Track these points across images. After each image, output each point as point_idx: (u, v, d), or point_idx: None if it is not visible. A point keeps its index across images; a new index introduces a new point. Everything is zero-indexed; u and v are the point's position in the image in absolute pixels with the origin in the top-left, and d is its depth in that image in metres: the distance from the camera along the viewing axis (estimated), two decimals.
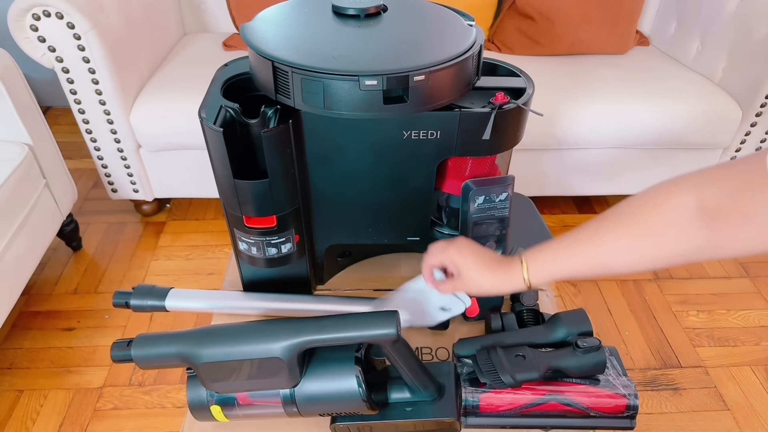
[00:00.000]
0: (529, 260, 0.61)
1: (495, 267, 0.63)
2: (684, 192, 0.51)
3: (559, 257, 0.60)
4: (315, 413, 0.61)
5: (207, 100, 0.66)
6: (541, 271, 0.61)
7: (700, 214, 0.49)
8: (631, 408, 0.61)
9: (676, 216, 0.51)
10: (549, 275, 0.61)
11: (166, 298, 0.76)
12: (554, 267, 0.60)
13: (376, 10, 0.67)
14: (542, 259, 0.61)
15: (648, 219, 0.53)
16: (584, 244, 0.58)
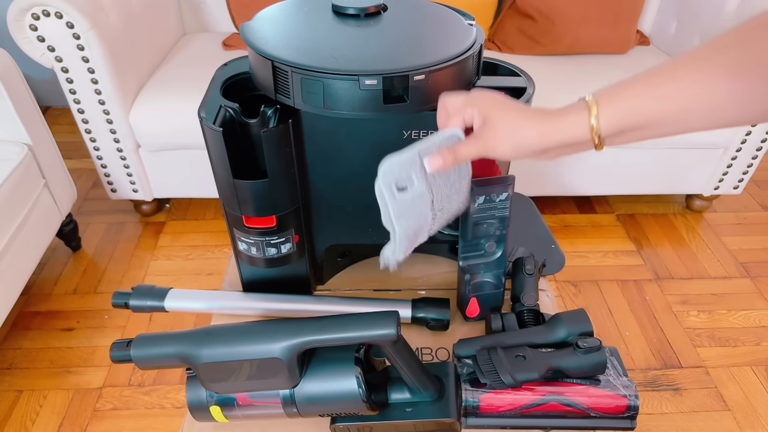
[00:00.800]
0: (599, 97, 0.46)
1: (542, 113, 0.48)
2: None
3: (646, 89, 0.44)
4: (315, 414, 0.61)
5: (206, 99, 0.66)
6: (617, 110, 0.45)
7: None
8: (631, 408, 0.61)
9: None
10: (627, 116, 0.45)
11: (166, 299, 0.76)
12: (639, 102, 0.45)
13: (376, 9, 0.67)
14: (618, 94, 0.46)
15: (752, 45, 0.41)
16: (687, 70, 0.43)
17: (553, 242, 0.89)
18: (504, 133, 0.49)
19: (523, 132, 0.48)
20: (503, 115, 0.49)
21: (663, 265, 1.72)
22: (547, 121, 0.47)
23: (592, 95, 0.46)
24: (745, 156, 1.72)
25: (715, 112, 0.43)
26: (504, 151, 0.50)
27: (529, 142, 0.48)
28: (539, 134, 0.47)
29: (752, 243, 1.81)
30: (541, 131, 0.47)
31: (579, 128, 0.46)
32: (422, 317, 0.76)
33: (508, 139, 0.49)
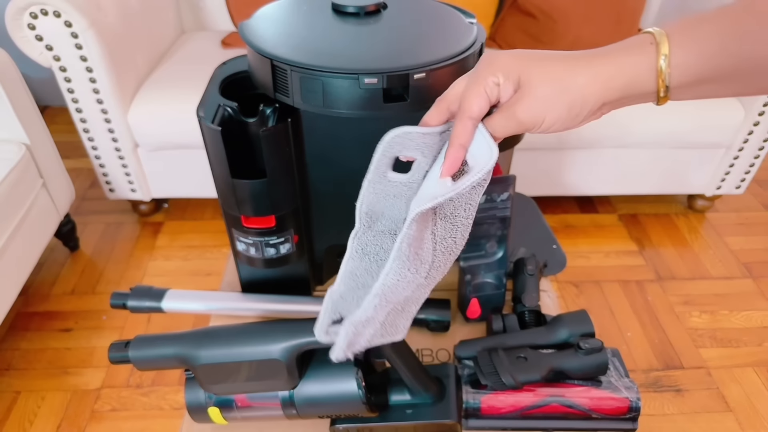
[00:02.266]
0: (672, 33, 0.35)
1: (590, 56, 0.37)
2: None
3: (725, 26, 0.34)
4: (314, 415, 0.61)
5: (205, 98, 0.65)
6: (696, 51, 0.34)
7: None
8: (633, 410, 0.60)
9: None
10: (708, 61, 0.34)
11: (164, 299, 0.76)
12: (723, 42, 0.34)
13: (376, 7, 0.66)
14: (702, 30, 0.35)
15: None
16: None
17: (555, 242, 0.88)
18: (549, 93, 0.36)
19: (577, 82, 0.35)
20: (540, 70, 0.36)
21: (665, 265, 1.72)
22: (601, 61, 0.36)
23: (657, 28, 0.36)
24: (747, 156, 1.71)
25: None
26: (556, 115, 0.36)
27: (585, 95, 0.36)
28: (596, 81, 0.35)
29: (754, 243, 1.81)
30: (598, 75, 0.35)
31: (645, 69, 0.35)
32: (422, 318, 0.75)
33: (558, 97, 0.35)
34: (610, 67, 0.36)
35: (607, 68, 0.36)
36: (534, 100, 0.36)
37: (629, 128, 1.60)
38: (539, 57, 0.37)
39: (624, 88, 0.36)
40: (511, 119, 0.37)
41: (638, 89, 0.36)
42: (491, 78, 0.37)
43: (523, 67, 0.37)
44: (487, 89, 0.38)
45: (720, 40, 0.34)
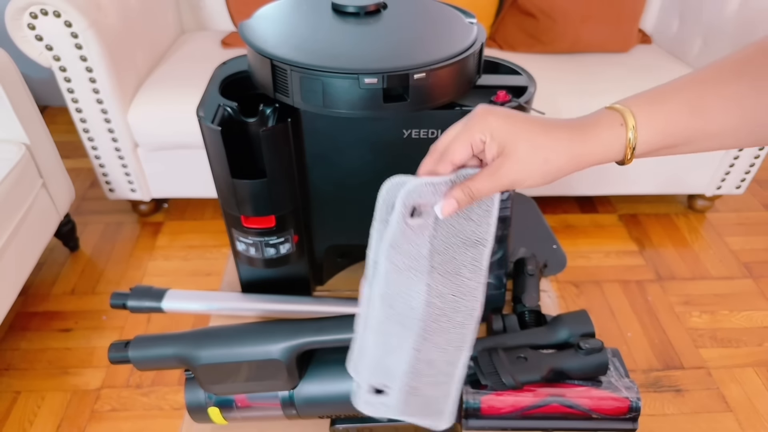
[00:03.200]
0: (635, 109, 0.40)
1: (568, 128, 0.40)
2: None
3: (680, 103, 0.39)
4: (314, 415, 0.60)
5: (205, 98, 0.65)
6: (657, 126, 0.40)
7: None
8: (633, 410, 0.60)
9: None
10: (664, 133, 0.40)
11: (164, 299, 0.76)
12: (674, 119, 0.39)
13: (376, 7, 0.66)
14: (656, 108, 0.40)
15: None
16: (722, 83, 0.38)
17: (555, 242, 0.88)
18: (530, 162, 0.39)
19: (553, 156, 0.40)
20: (525, 138, 0.40)
21: (665, 265, 1.72)
22: (578, 139, 0.40)
23: (623, 105, 0.41)
24: (747, 156, 1.71)
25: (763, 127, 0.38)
26: (533, 182, 0.41)
27: (561, 167, 0.40)
28: (572, 157, 0.40)
29: (755, 243, 1.81)
30: (574, 153, 0.40)
31: (615, 145, 0.40)
32: None
33: (535, 168, 0.40)
34: (586, 147, 0.40)
35: (583, 148, 0.40)
36: (518, 166, 0.40)
37: None
38: (526, 127, 0.40)
39: (598, 159, 0.41)
40: (495, 180, 0.41)
41: (607, 160, 0.42)
42: (479, 135, 0.41)
43: (510, 133, 0.40)
44: (473, 143, 0.41)
45: (678, 118, 0.39)
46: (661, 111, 0.40)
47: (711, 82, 0.39)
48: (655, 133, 0.40)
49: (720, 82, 0.39)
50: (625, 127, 0.40)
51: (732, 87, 0.39)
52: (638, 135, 0.40)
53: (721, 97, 0.39)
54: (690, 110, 0.39)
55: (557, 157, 0.40)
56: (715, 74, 0.39)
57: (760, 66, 0.38)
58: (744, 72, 0.39)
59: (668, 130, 0.40)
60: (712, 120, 0.39)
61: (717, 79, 0.39)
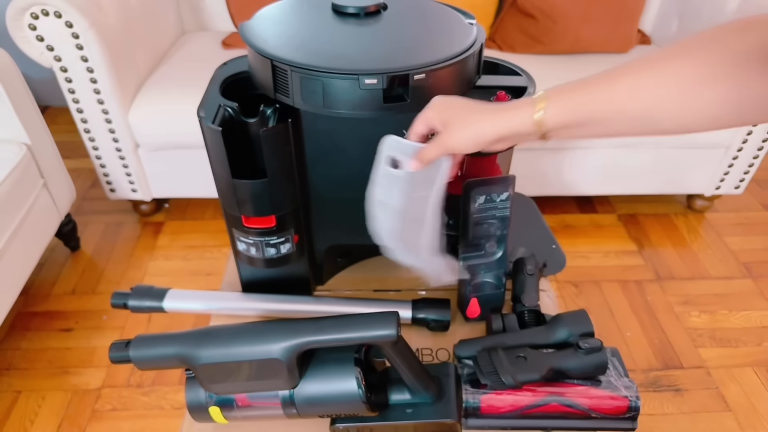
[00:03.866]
0: (550, 94, 0.50)
1: (495, 108, 0.53)
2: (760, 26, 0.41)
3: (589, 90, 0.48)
4: (314, 415, 0.61)
5: (206, 99, 0.65)
6: (563, 105, 0.49)
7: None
8: (632, 409, 0.60)
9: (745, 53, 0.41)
10: (571, 113, 0.49)
11: (164, 299, 0.76)
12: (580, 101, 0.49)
13: (376, 8, 0.67)
14: (566, 93, 0.49)
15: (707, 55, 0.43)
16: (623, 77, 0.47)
17: (554, 242, 0.88)
18: (461, 129, 0.53)
19: (479, 125, 0.53)
20: (458, 114, 0.54)
21: (664, 265, 1.72)
22: (499, 114, 0.52)
23: (544, 91, 0.51)
24: (746, 156, 1.71)
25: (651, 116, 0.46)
26: (463, 144, 0.54)
27: (484, 133, 0.53)
28: (492, 125, 0.52)
29: (754, 243, 1.81)
30: (494, 123, 0.52)
31: (526, 120, 0.51)
32: (422, 318, 0.75)
33: (465, 133, 0.53)
34: (503, 117, 0.52)
35: (501, 118, 0.52)
36: (451, 133, 0.54)
37: None
38: (461, 108, 0.55)
39: (513, 131, 0.52)
40: (439, 146, 0.55)
41: (526, 131, 0.51)
42: (429, 113, 0.56)
43: (449, 113, 0.55)
44: (425, 120, 0.56)
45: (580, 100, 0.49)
46: (571, 94, 0.49)
47: (621, 73, 0.47)
48: (561, 111, 0.49)
49: (627, 73, 0.47)
50: (534, 106, 0.50)
51: (634, 78, 0.46)
52: (546, 112, 0.49)
53: (626, 86, 0.47)
54: (597, 95, 0.48)
55: (480, 124, 0.53)
56: (627, 66, 0.47)
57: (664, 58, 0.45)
58: (647, 65, 0.46)
59: (575, 109, 0.49)
60: (615, 105, 0.47)
61: (626, 70, 0.47)
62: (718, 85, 0.43)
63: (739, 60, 0.42)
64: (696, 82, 0.43)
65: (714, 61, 0.43)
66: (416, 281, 0.85)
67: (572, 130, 0.50)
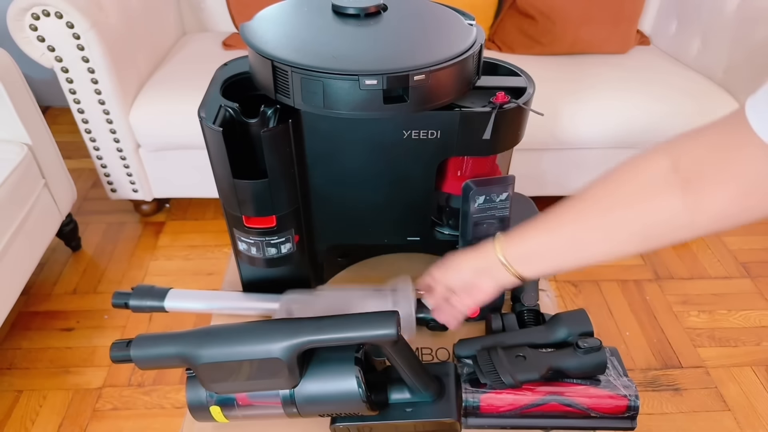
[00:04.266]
0: (504, 235, 0.59)
1: (470, 251, 0.62)
2: (658, 155, 0.47)
3: (532, 231, 0.57)
4: (315, 414, 0.61)
5: (206, 99, 0.65)
6: (513, 244, 0.58)
7: (674, 175, 0.46)
8: (631, 408, 0.61)
9: (650, 178, 0.47)
10: (521, 250, 0.58)
11: (165, 299, 0.76)
12: (525, 240, 0.58)
13: (376, 9, 0.67)
14: (517, 233, 0.58)
15: (622, 184, 0.50)
16: (555, 218, 0.56)
17: None
18: (446, 267, 0.63)
19: (457, 262, 0.63)
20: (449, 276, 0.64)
21: (663, 265, 1.72)
22: (473, 254, 0.61)
23: (500, 235, 0.60)
24: None
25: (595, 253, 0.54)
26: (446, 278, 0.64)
27: (462, 267, 0.62)
28: (467, 262, 0.62)
29: (753, 243, 1.81)
30: (469, 260, 0.62)
31: (490, 255, 0.59)
32: (422, 317, 0.76)
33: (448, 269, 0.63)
34: (474, 256, 0.61)
35: (473, 256, 0.61)
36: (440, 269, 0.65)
37: (628, 128, 1.61)
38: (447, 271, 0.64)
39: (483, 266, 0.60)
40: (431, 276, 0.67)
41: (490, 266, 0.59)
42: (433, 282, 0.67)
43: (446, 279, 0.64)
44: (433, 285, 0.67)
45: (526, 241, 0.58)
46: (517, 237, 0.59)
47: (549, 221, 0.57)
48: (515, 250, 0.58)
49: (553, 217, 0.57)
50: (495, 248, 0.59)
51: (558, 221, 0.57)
52: (505, 252, 0.58)
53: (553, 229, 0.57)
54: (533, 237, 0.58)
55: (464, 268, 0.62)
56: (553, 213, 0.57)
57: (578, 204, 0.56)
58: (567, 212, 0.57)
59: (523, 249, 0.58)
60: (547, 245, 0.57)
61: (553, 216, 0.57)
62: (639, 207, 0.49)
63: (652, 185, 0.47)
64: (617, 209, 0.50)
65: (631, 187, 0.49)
66: (416, 281, 0.85)
67: (531, 265, 0.58)
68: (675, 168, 0.46)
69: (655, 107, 1.59)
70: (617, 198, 0.50)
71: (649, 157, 0.48)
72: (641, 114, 1.59)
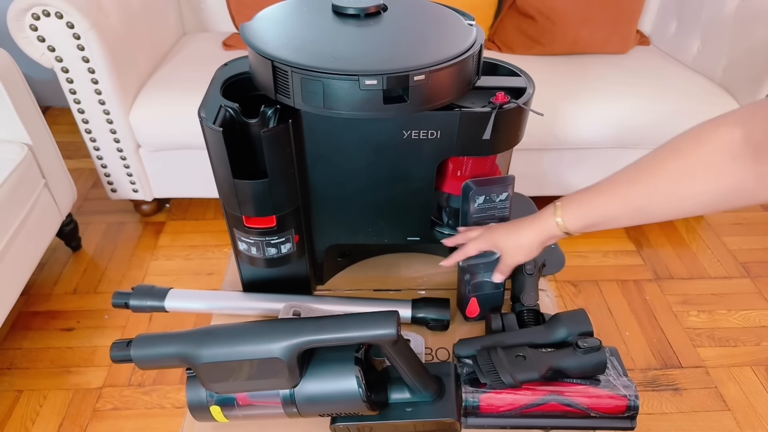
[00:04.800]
0: (563, 203, 0.61)
1: (527, 221, 0.65)
2: (728, 125, 0.48)
3: (595, 198, 0.59)
4: (315, 414, 0.61)
5: (206, 99, 0.66)
6: (575, 213, 0.60)
7: (744, 146, 0.46)
8: (631, 408, 0.61)
9: (717, 149, 0.48)
10: (584, 218, 0.60)
11: (166, 299, 0.76)
12: (588, 208, 0.59)
13: (376, 9, 0.67)
14: (577, 201, 0.60)
15: (688, 154, 0.50)
16: (622, 185, 0.56)
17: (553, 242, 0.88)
18: (512, 248, 0.67)
19: (521, 241, 0.66)
20: (505, 237, 0.67)
21: (663, 265, 1.73)
22: (533, 225, 0.64)
23: (560, 202, 0.62)
24: None
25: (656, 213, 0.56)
26: (521, 258, 0.68)
27: (528, 245, 0.66)
28: (530, 237, 0.65)
29: (752, 243, 1.81)
30: (531, 234, 0.65)
31: (552, 226, 0.63)
32: (422, 317, 0.76)
33: (517, 249, 0.67)
34: (533, 227, 0.65)
35: (534, 229, 0.65)
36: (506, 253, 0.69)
37: (628, 128, 1.61)
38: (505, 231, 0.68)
39: (546, 234, 0.64)
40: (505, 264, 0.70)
41: (554, 233, 0.63)
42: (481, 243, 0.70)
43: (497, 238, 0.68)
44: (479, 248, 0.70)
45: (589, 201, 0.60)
46: (576, 202, 0.61)
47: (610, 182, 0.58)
48: (576, 218, 0.61)
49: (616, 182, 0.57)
50: (554, 215, 0.62)
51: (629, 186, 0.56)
52: (565, 220, 0.61)
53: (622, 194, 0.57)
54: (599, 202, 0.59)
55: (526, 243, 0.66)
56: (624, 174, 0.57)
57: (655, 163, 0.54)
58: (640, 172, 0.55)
59: (584, 216, 0.60)
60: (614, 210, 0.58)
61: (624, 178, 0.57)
62: (706, 177, 0.50)
63: (720, 155, 0.48)
64: (685, 178, 0.51)
65: (698, 158, 0.50)
66: (416, 281, 0.85)
67: (593, 228, 0.61)
68: (747, 139, 0.46)
69: (654, 107, 1.59)
70: (686, 167, 0.51)
71: (716, 127, 0.49)
72: (641, 114, 1.59)
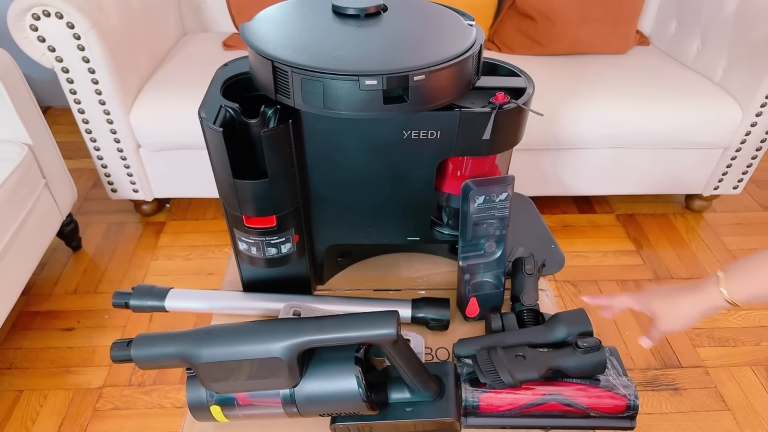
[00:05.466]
0: (727, 274, 0.62)
1: (687, 290, 0.66)
2: None
3: (764, 268, 0.60)
4: (315, 413, 0.61)
5: (207, 99, 0.66)
6: (742, 284, 0.61)
7: None
8: (631, 408, 0.61)
9: None
10: (752, 289, 0.61)
11: (166, 299, 0.76)
12: (758, 280, 0.60)
13: (376, 9, 0.67)
14: (741, 271, 0.61)
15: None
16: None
17: (553, 242, 0.89)
18: (671, 316, 0.67)
19: (682, 310, 0.66)
20: (663, 305, 0.68)
21: (663, 265, 1.73)
22: (695, 296, 0.65)
23: (723, 272, 0.63)
24: (744, 156, 1.72)
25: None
26: (677, 328, 0.68)
27: (690, 314, 0.65)
28: (694, 307, 0.65)
29: (752, 243, 1.82)
30: (694, 305, 0.65)
31: (716, 298, 0.63)
32: (422, 317, 0.76)
33: (676, 318, 0.67)
34: (698, 299, 0.65)
35: (696, 300, 0.65)
36: (663, 319, 0.68)
37: (627, 129, 1.61)
38: (663, 297, 0.68)
39: (707, 308, 0.64)
40: (659, 331, 0.70)
41: (719, 304, 0.63)
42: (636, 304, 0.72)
43: (655, 303, 0.69)
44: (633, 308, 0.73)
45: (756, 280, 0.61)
46: (740, 272, 0.62)
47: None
48: (745, 290, 0.61)
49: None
50: (718, 286, 0.63)
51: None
52: (731, 291, 0.61)
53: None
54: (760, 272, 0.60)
55: (688, 312, 0.66)
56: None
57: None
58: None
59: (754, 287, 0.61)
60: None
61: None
62: None
63: None
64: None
65: None
66: (416, 281, 0.85)
67: (758, 301, 0.62)
68: None
69: (654, 107, 1.60)
70: None
71: None
72: (640, 114, 1.59)
